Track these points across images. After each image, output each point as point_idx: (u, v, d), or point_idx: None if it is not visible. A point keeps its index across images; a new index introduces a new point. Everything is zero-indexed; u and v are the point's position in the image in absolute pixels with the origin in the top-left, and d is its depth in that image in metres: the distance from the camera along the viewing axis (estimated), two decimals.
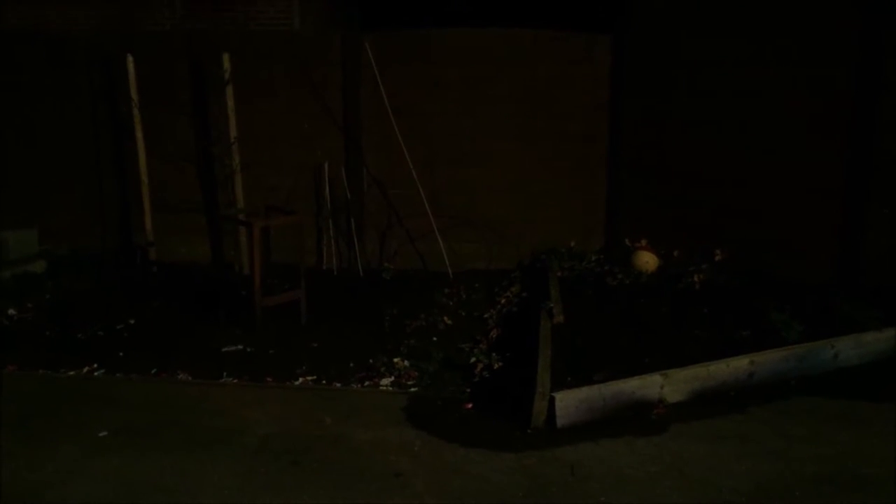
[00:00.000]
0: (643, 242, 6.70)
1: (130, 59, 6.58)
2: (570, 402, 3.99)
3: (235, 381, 4.72)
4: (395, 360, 4.93)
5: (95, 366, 4.93)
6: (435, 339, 5.41)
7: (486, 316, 5.88)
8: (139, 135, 6.70)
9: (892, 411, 4.10)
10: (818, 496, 3.34)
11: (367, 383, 4.68)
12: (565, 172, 7.11)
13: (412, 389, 4.58)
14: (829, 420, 4.06)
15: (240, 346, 5.25)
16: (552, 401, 3.96)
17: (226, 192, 6.91)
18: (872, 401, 4.26)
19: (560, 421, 3.95)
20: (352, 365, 4.93)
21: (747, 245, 6.21)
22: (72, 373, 4.85)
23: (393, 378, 4.72)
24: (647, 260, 6.59)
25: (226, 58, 6.50)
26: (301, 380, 4.73)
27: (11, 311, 5.94)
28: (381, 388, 4.63)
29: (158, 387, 4.63)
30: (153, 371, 4.85)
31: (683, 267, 6.31)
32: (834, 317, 5.18)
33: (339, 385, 4.67)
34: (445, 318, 5.79)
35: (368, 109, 7.00)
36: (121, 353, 5.12)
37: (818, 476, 3.50)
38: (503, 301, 6.14)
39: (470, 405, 4.32)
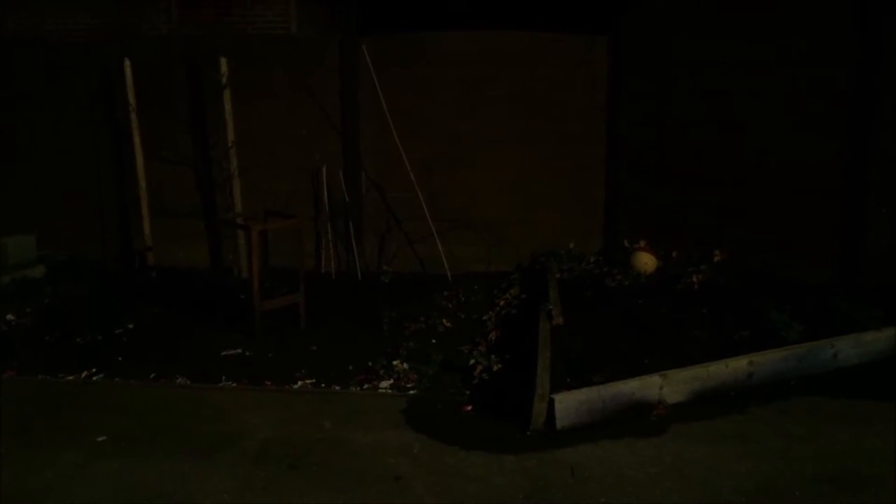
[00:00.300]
0: (642, 243, 6.70)
1: (128, 63, 6.59)
2: (569, 404, 3.98)
3: (234, 385, 4.71)
4: (395, 362, 4.92)
5: (94, 371, 4.92)
6: (434, 341, 5.41)
7: (485, 318, 5.87)
8: (137, 139, 6.71)
9: (891, 411, 4.09)
10: (818, 496, 3.33)
11: (366, 386, 4.68)
12: (564, 173, 7.11)
13: (412, 392, 4.57)
14: (829, 420, 4.05)
15: (239, 350, 5.24)
16: (552, 402, 3.95)
17: (224, 196, 6.91)
18: (872, 400, 4.25)
19: (560, 422, 3.94)
20: (351, 368, 4.92)
21: (747, 245, 6.21)
22: (71, 378, 4.84)
23: (392, 381, 4.71)
24: (646, 261, 6.59)
25: (223, 62, 6.50)
26: (300, 383, 4.72)
27: (10, 317, 5.94)
28: (380, 390, 4.62)
29: (157, 391, 4.63)
30: (152, 375, 4.84)
31: (682, 267, 6.31)
32: (834, 317, 5.17)
33: (338, 388, 4.66)
34: (444, 321, 5.78)
35: (366, 112, 7.00)
36: (120, 358, 5.12)
37: (818, 476, 3.49)
38: (502, 303, 6.14)
39: (469, 407, 4.31)
